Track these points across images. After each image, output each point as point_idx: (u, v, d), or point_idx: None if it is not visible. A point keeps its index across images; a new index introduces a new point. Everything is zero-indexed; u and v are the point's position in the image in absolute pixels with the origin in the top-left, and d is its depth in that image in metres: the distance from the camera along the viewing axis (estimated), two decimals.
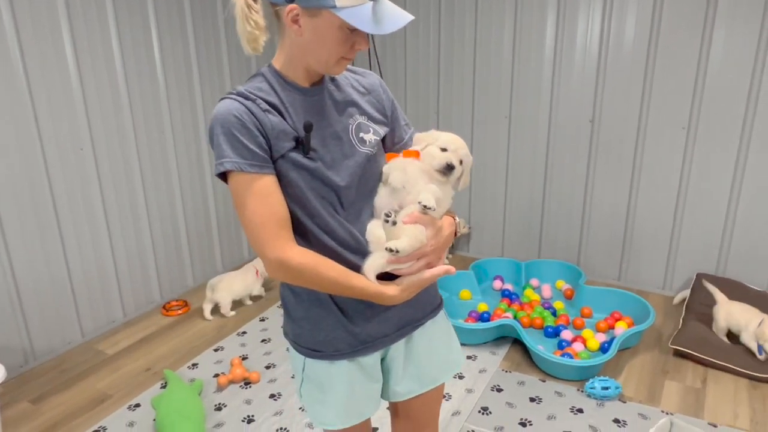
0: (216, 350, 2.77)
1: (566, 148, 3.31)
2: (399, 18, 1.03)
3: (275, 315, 3.11)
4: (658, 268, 3.24)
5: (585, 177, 3.31)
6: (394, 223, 1.07)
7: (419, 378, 1.26)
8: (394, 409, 1.33)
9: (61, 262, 2.70)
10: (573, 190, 3.36)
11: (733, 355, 2.50)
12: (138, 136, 2.98)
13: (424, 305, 1.24)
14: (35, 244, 2.58)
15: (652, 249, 3.23)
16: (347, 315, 1.15)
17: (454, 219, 1.19)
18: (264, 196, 1.05)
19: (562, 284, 3.24)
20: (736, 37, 2.74)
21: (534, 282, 3.29)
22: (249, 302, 3.26)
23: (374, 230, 1.11)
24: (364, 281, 1.09)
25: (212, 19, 3.30)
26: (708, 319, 2.75)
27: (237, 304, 3.21)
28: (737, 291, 2.90)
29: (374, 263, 1.10)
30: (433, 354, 1.26)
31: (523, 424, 2.20)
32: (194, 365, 2.65)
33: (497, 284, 3.29)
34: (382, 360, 1.26)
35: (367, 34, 1.06)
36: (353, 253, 1.12)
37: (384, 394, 1.28)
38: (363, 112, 1.18)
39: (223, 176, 1.07)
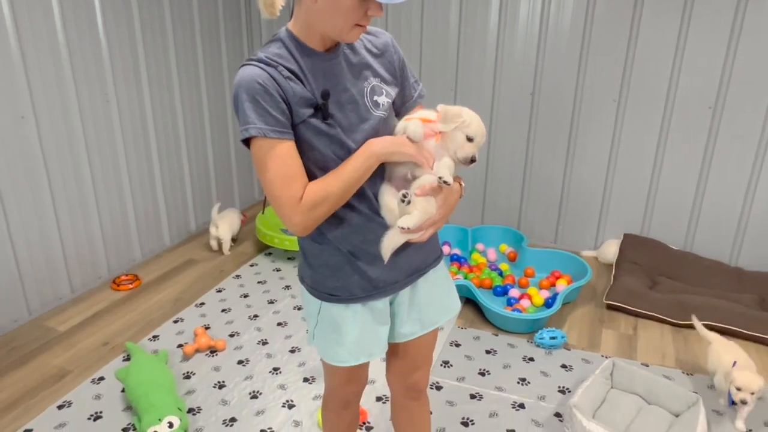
0: (176, 322, 2.75)
1: (508, 121, 3.50)
2: None
3: (232, 286, 3.11)
4: (590, 230, 3.54)
5: (525, 147, 3.52)
6: (409, 203, 1.16)
7: (421, 321, 1.37)
8: (394, 349, 1.43)
9: (5, 237, 2.56)
10: (514, 160, 3.57)
11: (658, 305, 2.80)
12: (81, 104, 2.84)
13: (429, 255, 1.35)
14: None
15: (585, 213, 3.51)
16: (363, 262, 1.24)
17: (461, 184, 1.28)
18: (284, 161, 1.10)
19: (506, 248, 3.46)
20: (661, 21, 3.01)
21: (480, 246, 3.49)
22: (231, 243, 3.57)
23: (386, 198, 1.19)
24: (358, 160, 1.14)
25: None
26: (635, 274, 3.06)
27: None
28: (659, 250, 3.24)
29: (390, 243, 1.21)
30: (434, 299, 1.38)
31: (482, 374, 2.38)
32: (155, 337, 2.62)
33: (446, 249, 3.45)
34: (390, 304, 1.35)
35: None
36: (369, 209, 1.21)
37: (389, 336, 1.38)
38: (376, 74, 1.23)
39: (246, 141, 1.11)
